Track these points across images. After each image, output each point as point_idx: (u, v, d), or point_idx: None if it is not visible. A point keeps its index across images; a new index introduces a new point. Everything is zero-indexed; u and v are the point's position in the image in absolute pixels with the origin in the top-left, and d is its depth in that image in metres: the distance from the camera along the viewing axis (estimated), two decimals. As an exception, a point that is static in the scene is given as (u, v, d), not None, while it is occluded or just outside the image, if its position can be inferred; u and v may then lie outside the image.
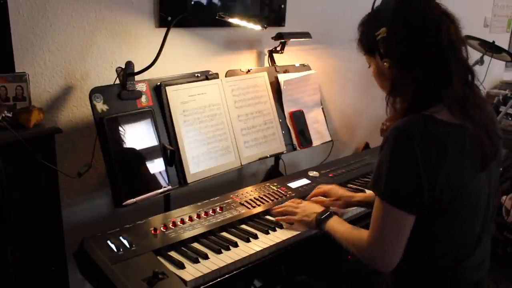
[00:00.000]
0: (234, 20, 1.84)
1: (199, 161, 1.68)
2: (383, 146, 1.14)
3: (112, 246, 1.27)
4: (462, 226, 1.18)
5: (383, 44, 1.17)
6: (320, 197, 1.63)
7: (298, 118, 2.08)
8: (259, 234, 1.43)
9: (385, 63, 1.18)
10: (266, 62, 2.17)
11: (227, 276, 1.25)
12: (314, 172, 1.91)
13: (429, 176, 1.08)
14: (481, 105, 1.20)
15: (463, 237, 1.19)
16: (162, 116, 1.63)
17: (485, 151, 1.15)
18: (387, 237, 1.14)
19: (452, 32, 1.14)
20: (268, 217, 1.55)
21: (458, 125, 1.13)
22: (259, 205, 1.59)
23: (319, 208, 1.46)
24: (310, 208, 1.49)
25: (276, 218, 1.51)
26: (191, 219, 1.45)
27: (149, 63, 1.54)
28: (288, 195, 1.68)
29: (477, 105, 1.18)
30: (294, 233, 1.44)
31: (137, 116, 1.57)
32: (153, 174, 1.56)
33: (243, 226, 1.49)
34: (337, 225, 1.35)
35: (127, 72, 1.53)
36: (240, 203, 1.60)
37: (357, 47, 1.28)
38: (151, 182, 1.55)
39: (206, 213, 1.49)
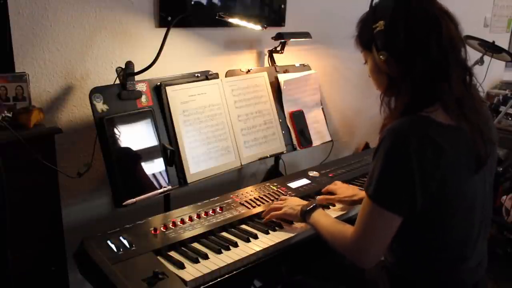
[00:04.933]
0: (234, 20, 1.84)
1: (199, 161, 1.68)
2: (378, 148, 1.12)
3: (112, 246, 1.27)
4: (458, 228, 1.17)
5: (380, 37, 1.15)
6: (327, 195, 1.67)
7: (298, 118, 2.08)
8: (259, 234, 1.43)
9: (381, 56, 1.16)
10: (266, 62, 2.17)
11: (227, 276, 1.25)
12: (314, 172, 1.91)
13: (423, 179, 1.07)
14: (478, 109, 1.19)
15: (460, 239, 1.18)
16: (162, 116, 1.63)
17: (479, 154, 1.14)
18: (372, 236, 1.13)
19: (452, 31, 1.13)
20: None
21: (454, 127, 1.12)
22: (259, 205, 1.59)
23: (304, 202, 1.48)
24: (295, 201, 1.52)
25: (264, 218, 1.51)
26: (191, 219, 1.45)
27: (149, 63, 1.54)
28: (288, 195, 1.68)
29: (474, 108, 1.17)
30: (294, 233, 1.44)
31: (137, 116, 1.57)
32: (153, 174, 1.56)
33: (243, 226, 1.49)
34: (322, 218, 1.37)
35: (127, 72, 1.53)
36: (240, 203, 1.60)
37: (355, 44, 1.26)
38: (151, 182, 1.55)
39: (206, 213, 1.49)
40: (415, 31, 1.11)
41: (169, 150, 1.59)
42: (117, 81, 1.55)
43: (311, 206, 1.42)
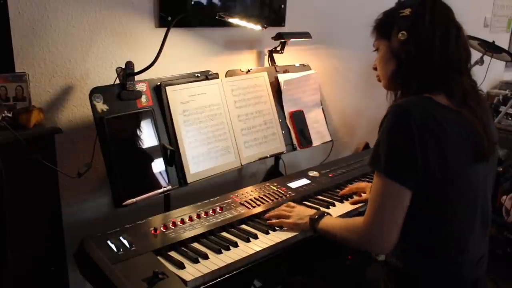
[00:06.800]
0: (234, 20, 1.84)
1: (199, 161, 1.68)
2: (382, 123, 1.17)
3: (112, 246, 1.27)
4: (459, 218, 1.18)
5: (405, 20, 1.21)
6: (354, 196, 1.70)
7: (298, 118, 2.08)
8: (259, 234, 1.43)
9: (400, 35, 1.20)
10: (266, 62, 2.17)
11: (227, 276, 1.25)
12: (314, 172, 1.91)
13: (423, 152, 1.11)
14: (481, 104, 1.23)
15: (461, 231, 1.19)
16: (162, 116, 1.63)
17: (481, 144, 1.17)
18: (385, 213, 1.15)
19: (467, 42, 1.23)
20: (268, 217, 1.55)
21: (456, 111, 1.17)
22: (259, 205, 1.59)
23: (312, 212, 1.46)
24: (304, 211, 1.49)
25: (269, 221, 1.49)
26: (191, 219, 1.45)
27: (149, 63, 1.54)
28: (288, 195, 1.68)
29: (478, 103, 1.21)
30: (294, 233, 1.44)
31: (137, 116, 1.57)
32: (153, 174, 1.56)
33: (243, 226, 1.49)
34: (331, 220, 1.38)
35: (127, 72, 1.53)
36: (240, 203, 1.60)
37: (371, 32, 1.31)
38: (151, 182, 1.55)
39: (206, 213, 1.49)
40: (438, 24, 1.19)
41: (169, 150, 1.59)
42: (117, 81, 1.55)
43: (320, 214, 1.41)
